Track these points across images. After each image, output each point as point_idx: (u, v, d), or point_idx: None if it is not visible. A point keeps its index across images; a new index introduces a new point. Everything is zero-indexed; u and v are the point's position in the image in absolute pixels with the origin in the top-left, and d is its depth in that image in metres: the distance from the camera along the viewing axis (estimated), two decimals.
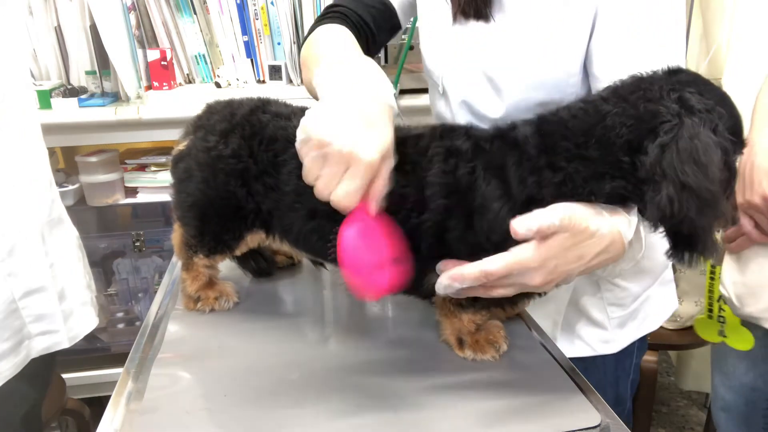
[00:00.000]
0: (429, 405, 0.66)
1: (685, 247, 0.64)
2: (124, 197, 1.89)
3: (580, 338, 1.02)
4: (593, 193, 0.65)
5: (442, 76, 0.96)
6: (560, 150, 0.66)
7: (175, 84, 1.91)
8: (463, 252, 0.69)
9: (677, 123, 0.61)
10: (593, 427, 0.63)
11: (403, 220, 0.70)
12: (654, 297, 1.04)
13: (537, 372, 0.73)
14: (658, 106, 0.63)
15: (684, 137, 0.60)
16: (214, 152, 0.79)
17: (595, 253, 0.66)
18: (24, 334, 1.01)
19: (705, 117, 0.62)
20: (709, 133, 0.61)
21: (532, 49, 0.85)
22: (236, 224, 0.82)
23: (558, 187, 0.66)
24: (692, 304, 1.74)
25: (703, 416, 2.17)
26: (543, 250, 0.64)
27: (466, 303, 0.73)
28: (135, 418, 0.64)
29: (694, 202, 0.60)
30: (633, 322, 1.03)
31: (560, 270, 0.65)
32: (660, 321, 1.06)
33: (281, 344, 0.79)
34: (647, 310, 1.03)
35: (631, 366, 1.09)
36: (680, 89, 0.63)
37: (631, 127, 0.63)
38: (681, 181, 0.59)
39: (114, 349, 2.03)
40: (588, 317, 1.01)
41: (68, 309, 1.08)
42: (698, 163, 0.59)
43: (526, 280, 0.65)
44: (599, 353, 1.02)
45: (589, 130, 0.65)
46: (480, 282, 0.66)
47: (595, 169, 0.65)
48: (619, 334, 1.02)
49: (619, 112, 0.64)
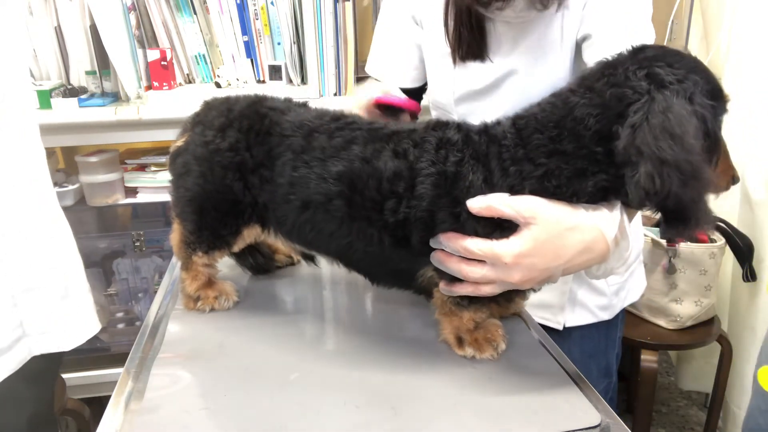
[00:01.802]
0: (428, 404, 0.66)
1: (678, 221, 0.63)
2: (124, 197, 1.89)
3: (583, 306, 1.10)
4: (576, 194, 0.66)
5: (448, 104, 1.03)
6: (534, 142, 0.67)
7: (175, 84, 1.91)
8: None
9: (646, 100, 0.61)
10: (593, 427, 0.63)
11: (393, 209, 0.71)
12: (636, 271, 1.16)
13: (537, 371, 0.73)
14: (624, 89, 0.62)
15: (655, 112, 0.60)
16: (211, 146, 0.80)
17: (575, 251, 0.66)
18: (22, 331, 1.01)
19: (677, 88, 0.61)
20: (684, 104, 0.60)
21: (530, 76, 0.93)
22: (233, 218, 0.82)
23: (540, 182, 0.66)
24: (692, 304, 1.74)
25: (703, 416, 2.17)
26: (516, 244, 0.65)
27: (465, 302, 0.74)
28: (135, 418, 0.64)
29: (675, 176, 0.59)
30: (623, 292, 1.13)
31: (538, 267, 0.66)
32: (638, 294, 1.18)
33: (281, 344, 0.79)
34: (631, 282, 1.15)
35: (616, 337, 1.19)
36: (648, 65, 0.63)
37: (597, 117, 0.64)
38: (658, 156, 0.59)
39: (114, 349, 2.03)
40: (589, 284, 1.09)
41: (70, 310, 1.08)
42: (673, 135, 0.59)
43: (506, 277, 0.67)
44: (600, 319, 1.11)
45: (559, 122, 0.66)
46: (458, 252, 0.69)
47: (575, 164, 0.65)
48: (614, 301, 1.12)
49: (585, 103, 0.65)
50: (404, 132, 0.74)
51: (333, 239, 0.77)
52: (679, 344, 1.80)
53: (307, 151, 0.76)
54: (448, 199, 0.69)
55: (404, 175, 0.71)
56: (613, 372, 1.20)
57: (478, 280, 0.69)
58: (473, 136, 0.71)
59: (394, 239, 0.73)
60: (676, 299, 1.73)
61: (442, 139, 0.71)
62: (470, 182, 0.68)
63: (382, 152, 0.72)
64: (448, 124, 0.74)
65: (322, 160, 0.75)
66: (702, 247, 1.70)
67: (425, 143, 0.72)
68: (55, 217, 1.09)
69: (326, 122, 0.78)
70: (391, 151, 0.72)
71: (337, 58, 1.86)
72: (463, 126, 0.73)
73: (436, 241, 0.71)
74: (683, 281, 1.73)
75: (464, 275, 0.69)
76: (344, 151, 0.74)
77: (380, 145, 0.73)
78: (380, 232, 0.73)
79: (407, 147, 0.72)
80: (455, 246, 0.69)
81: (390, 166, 0.71)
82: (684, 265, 1.71)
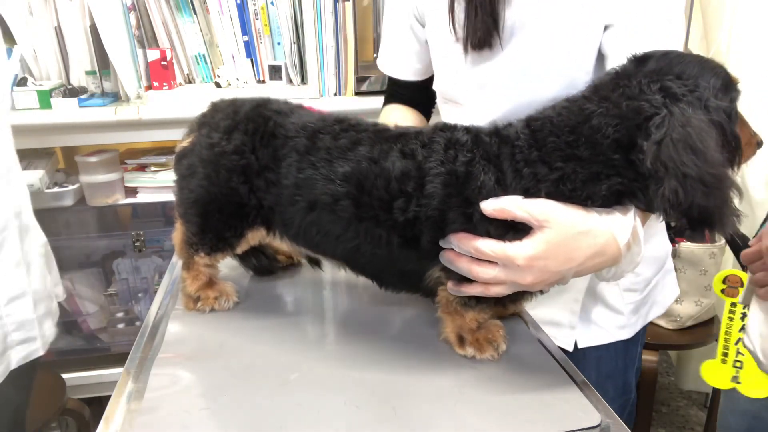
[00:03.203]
0: (428, 404, 0.66)
1: (703, 225, 0.64)
2: (124, 197, 1.89)
3: (597, 325, 1.04)
4: (590, 197, 0.66)
5: (467, 99, 0.98)
6: (549, 145, 0.67)
7: (175, 84, 1.92)
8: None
9: (665, 114, 0.62)
10: (593, 427, 0.63)
11: (402, 209, 0.71)
12: (660, 284, 1.09)
13: (537, 372, 0.73)
14: (640, 102, 0.64)
15: (676, 127, 0.61)
16: (217, 148, 0.80)
17: (587, 255, 0.66)
18: (6, 343, 1.00)
19: (690, 99, 0.63)
20: (700, 115, 0.62)
21: (545, 72, 0.88)
22: (238, 221, 0.82)
23: (556, 185, 0.67)
24: (692, 304, 1.74)
25: (703, 416, 2.17)
26: (530, 247, 0.65)
27: (472, 302, 0.74)
28: (135, 418, 0.64)
29: (699, 189, 0.60)
30: (644, 308, 1.07)
31: (551, 270, 0.66)
32: (664, 307, 1.11)
33: (281, 344, 0.79)
34: (655, 296, 1.08)
35: (636, 354, 1.13)
36: (659, 79, 0.65)
37: (617, 127, 0.65)
38: (682, 172, 0.60)
39: (114, 349, 2.03)
40: (605, 303, 1.03)
41: (40, 315, 1.07)
42: (695, 150, 0.60)
43: (518, 279, 0.67)
44: (617, 339, 1.05)
45: (575, 128, 0.67)
46: (469, 253, 0.69)
47: (590, 169, 0.66)
48: (633, 320, 1.05)
49: (603, 113, 0.66)
50: (411, 133, 0.74)
51: (340, 242, 0.77)
52: (679, 344, 1.80)
53: (312, 152, 0.76)
54: (459, 199, 0.69)
55: (413, 174, 0.71)
56: (632, 389, 1.14)
57: (489, 281, 0.69)
58: (483, 137, 0.71)
59: (402, 239, 0.73)
60: (676, 299, 1.73)
61: (450, 140, 0.71)
62: (482, 183, 0.68)
63: (389, 152, 0.72)
64: (456, 126, 0.74)
65: (328, 160, 0.74)
66: (702, 247, 1.70)
67: (433, 144, 0.72)
68: (29, 222, 1.08)
69: (330, 124, 0.78)
70: (398, 152, 0.72)
71: (337, 58, 1.86)
72: (472, 128, 0.73)
73: (447, 241, 0.71)
74: (683, 281, 1.73)
75: (475, 275, 0.69)
76: (350, 152, 0.74)
77: (387, 146, 0.73)
78: (388, 233, 0.73)
79: (415, 147, 0.72)
80: (467, 247, 0.69)
81: (398, 166, 0.71)
82: (684, 265, 1.72)
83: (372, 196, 0.72)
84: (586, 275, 0.71)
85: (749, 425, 1.08)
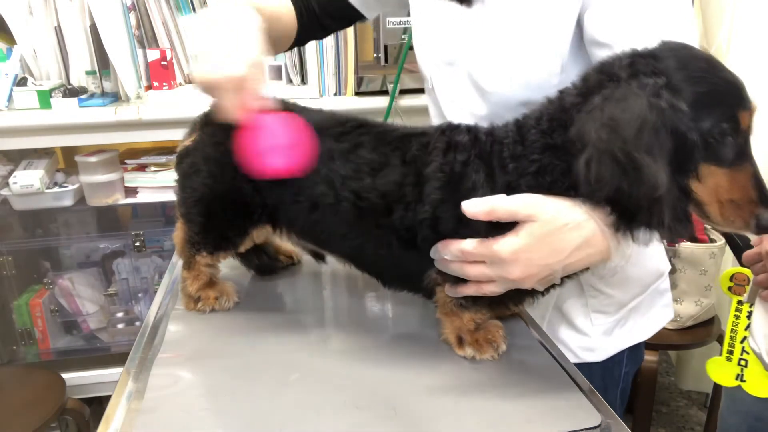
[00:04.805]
0: (428, 404, 0.66)
1: (634, 220, 0.61)
2: (124, 197, 1.89)
3: (563, 343, 0.98)
4: (573, 187, 0.65)
5: (431, 75, 0.98)
6: (530, 138, 0.67)
7: (175, 84, 1.91)
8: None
9: (613, 88, 0.60)
10: (593, 427, 0.63)
11: (402, 214, 0.71)
12: (644, 306, 1.00)
13: (537, 372, 0.73)
14: (602, 76, 0.62)
15: (612, 100, 0.59)
16: (222, 147, 0.79)
17: (574, 247, 0.65)
18: None
19: (648, 81, 0.59)
20: (644, 96, 0.58)
21: (515, 50, 0.85)
22: (241, 220, 0.82)
23: (535, 178, 0.66)
24: (692, 304, 1.74)
25: (703, 416, 2.17)
26: (514, 241, 0.65)
27: (467, 302, 0.74)
28: (135, 418, 0.64)
29: (609, 165, 0.57)
30: (620, 330, 0.99)
31: (537, 263, 0.65)
32: (652, 331, 1.02)
33: (281, 344, 0.79)
34: (636, 319, 1.00)
35: (620, 375, 1.04)
36: (641, 57, 0.61)
37: (578, 105, 0.63)
38: (594, 143, 0.58)
39: (114, 349, 2.03)
40: (570, 323, 0.98)
41: None
42: (617, 124, 0.57)
43: (505, 274, 0.66)
44: (583, 360, 0.98)
45: (554, 115, 0.66)
46: (458, 258, 0.68)
47: (567, 159, 0.64)
48: (605, 342, 0.98)
49: (573, 92, 0.64)
50: (413, 136, 0.75)
51: (345, 240, 0.77)
52: (679, 344, 1.81)
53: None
54: (454, 200, 0.69)
55: (412, 181, 0.71)
56: (615, 409, 1.04)
57: (478, 278, 0.69)
58: (481, 137, 0.71)
59: (401, 242, 0.73)
60: (676, 299, 1.73)
61: (450, 143, 0.72)
62: (473, 182, 0.69)
63: (389, 158, 0.73)
64: (459, 127, 0.74)
65: (329, 163, 0.75)
66: (702, 247, 1.70)
67: (435, 147, 0.72)
68: None
69: (333, 125, 0.78)
70: (399, 158, 0.73)
71: (337, 58, 1.86)
72: (473, 128, 0.73)
73: (435, 251, 0.71)
74: (683, 281, 1.73)
75: (465, 274, 0.69)
76: (352, 155, 0.74)
77: (388, 150, 0.74)
78: (388, 235, 0.73)
79: (416, 152, 0.72)
80: (453, 251, 0.69)
81: (398, 171, 0.72)
82: (684, 265, 1.72)
83: (371, 201, 0.73)
84: (576, 270, 0.68)
85: (750, 426, 1.08)
